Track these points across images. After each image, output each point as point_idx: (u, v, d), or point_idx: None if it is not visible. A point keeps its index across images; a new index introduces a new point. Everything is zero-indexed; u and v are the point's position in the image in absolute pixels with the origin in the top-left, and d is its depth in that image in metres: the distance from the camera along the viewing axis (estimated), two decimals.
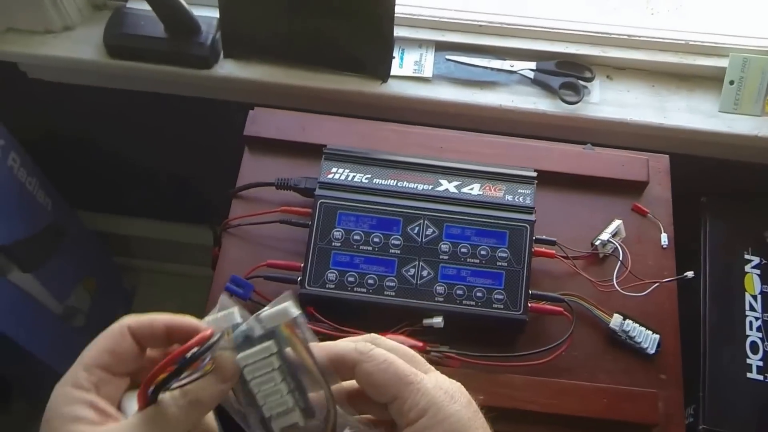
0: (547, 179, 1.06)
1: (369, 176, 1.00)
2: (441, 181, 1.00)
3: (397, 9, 1.17)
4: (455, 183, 1.00)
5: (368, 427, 0.52)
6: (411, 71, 1.25)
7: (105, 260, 1.89)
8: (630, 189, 1.11)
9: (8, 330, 1.37)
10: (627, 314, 0.99)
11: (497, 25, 1.27)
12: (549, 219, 1.04)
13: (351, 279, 0.94)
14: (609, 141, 1.21)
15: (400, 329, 0.94)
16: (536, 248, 0.99)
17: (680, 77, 1.29)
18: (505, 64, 1.26)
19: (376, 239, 0.96)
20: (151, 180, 1.74)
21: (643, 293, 0.99)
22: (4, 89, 1.38)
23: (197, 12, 1.25)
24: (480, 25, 1.27)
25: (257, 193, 1.06)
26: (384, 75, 1.24)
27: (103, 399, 0.49)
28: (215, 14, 1.24)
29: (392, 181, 0.99)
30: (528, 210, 0.99)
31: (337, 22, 1.18)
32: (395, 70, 1.24)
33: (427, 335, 0.95)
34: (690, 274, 1.03)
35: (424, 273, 0.95)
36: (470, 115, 1.25)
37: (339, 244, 0.96)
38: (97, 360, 0.49)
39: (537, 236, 1.00)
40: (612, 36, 1.26)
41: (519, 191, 1.00)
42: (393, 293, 0.94)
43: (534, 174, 1.02)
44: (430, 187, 0.99)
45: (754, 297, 1.20)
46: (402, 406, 0.49)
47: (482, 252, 0.96)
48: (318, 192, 0.98)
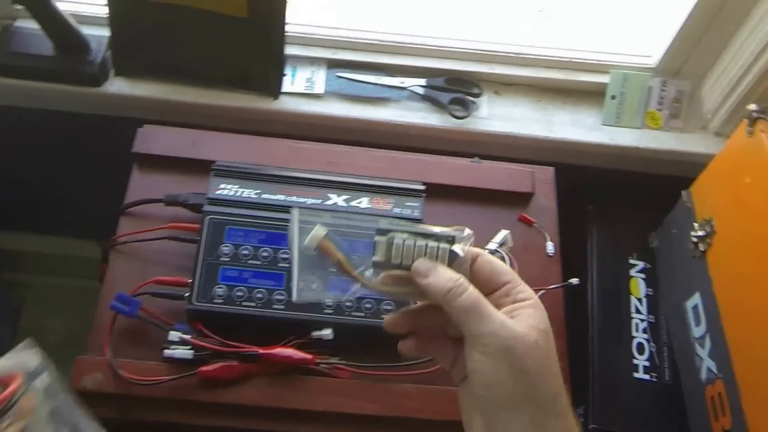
0: (436, 192, 1.08)
1: (258, 191, 1.00)
2: (330, 195, 1.01)
3: (289, 28, 1.18)
4: (344, 197, 1.01)
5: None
6: (303, 88, 1.26)
7: None
8: (516, 200, 1.14)
9: None
10: None
11: (388, 44, 1.29)
12: None
13: (239, 293, 0.94)
14: (497, 154, 1.24)
15: (290, 342, 0.94)
16: None
17: (565, 92, 1.34)
18: (396, 81, 1.29)
19: (265, 253, 0.96)
20: (40, 194, 1.70)
21: None
22: None
23: (87, 30, 1.24)
24: (371, 44, 1.29)
25: (146, 210, 1.05)
26: (275, 91, 1.25)
27: None
28: (105, 33, 1.23)
29: (281, 196, 1.00)
30: (417, 222, 1.00)
31: (230, 41, 1.19)
32: (287, 87, 1.26)
33: (318, 347, 0.95)
34: (575, 281, 1.07)
35: (314, 286, 0.96)
36: (362, 130, 1.27)
37: (227, 259, 0.96)
38: None
39: None
40: (499, 54, 1.31)
41: (407, 204, 1.02)
42: (282, 306, 0.94)
43: (422, 187, 1.04)
44: (320, 201, 1.00)
45: (640, 300, 1.24)
46: (513, 289, 0.61)
47: None
48: (206, 208, 0.98)
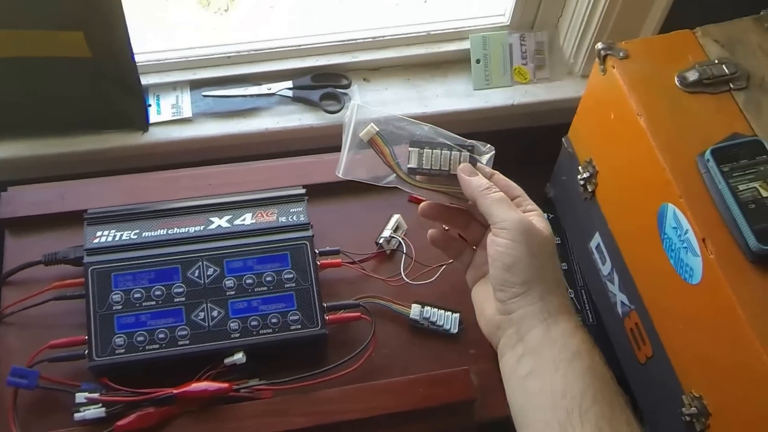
0: (321, 191, 1.08)
1: (137, 231, 0.98)
2: (212, 219, 0.99)
3: (141, 57, 1.16)
4: (227, 217, 1.00)
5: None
6: (170, 115, 1.24)
7: None
8: None
9: None
10: (425, 302, 1.02)
11: (246, 53, 1.28)
12: (330, 229, 1.06)
13: (140, 338, 0.92)
14: None
15: (205, 375, 0.92)
16: (322, 261, 1.00)
17: (431, 66, 1.35)
18: (263, 89, 1.27)
19: (158, 292, 0.94)
20: None
21: (434, 278, 1.02)
22: None
23: None
24: (229, 57, 1.27)
25: (28, 275, 1.01)
26: (143, 124, 1.22)
27: None
28: None
29: (162, 231, 0.98)
30: (304, 227, 0.99)
31: (81, 83, 1.15)
32: (154, 117, 1.23)
33: (234, 373, 0.93)
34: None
35: (215, 313, 0.94)
36: (239, 145, 1.25)
37: (120, 307, 0.93)
38: None
39: (320, 249, 1.01)
40: (358, 41, 1.30)
41: (291, 210, 1.01)
42: (187, 341, 0.92)
43: (303, 191, 1.03)
44: (202, 228, 0.98)
45: None
46: (524, 201, 0.80)
47: (268, 278, 0.96)
48: (86, 259, 0.95)
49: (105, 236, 0.97)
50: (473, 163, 0.80)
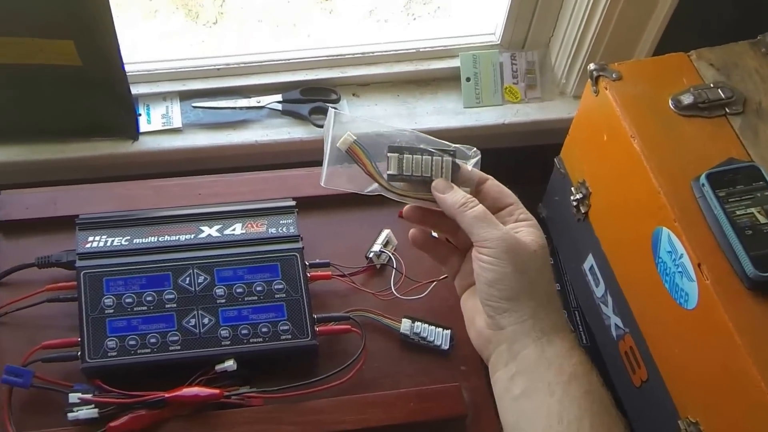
0: (311, 204, 1.07)
1: (128, 237, 0.97)
2: (202, 228, 0.99)
3: (131, 67, 1.16)
4: (217, 227, 0.99)
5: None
6: (160, 125, 1.24)
7: None
8: None
9: None
10: (415, 317, 1.01)
11: (236, 66, 1.28)
12: (320, 242, 1.06)
13: (132, 342, 0.91)
14: None
15: (195, 380, 0.92)
16: (312, 273, 1.00)
17: (422, 83, 1.36)
18: (252, 101, 1.28)
19: (149, 298, 0.94)
20: None
21: (424, 294, 1.02)
22: None
23: None
24: (218, 69, 1.28)
25: (21, 277, 1.01)
26: (133, 134, 1.22)
27: None
28: None
29: (153, 238, 0.98)
30: (294, 239, 1.00)
31: (73, 91, 1.16)
32: (144, 127, 1.23)
33: (224, 380, 0.93)
34: None
35: (205, 321, 0.94)
36: (228, 157, 1.25)
37: (112, 311, 0.92)
38: None
39: (310, 261, 1.00)
40: (348, 56, 1.31)
41: (281, 222, 1.01)
42: (178, 347, 0.92)
43: (293, 203, 1.03)
44: (193, 236, 0.98)
45: None
46: (516, 210, 0.77)
47: (258, 288, 0.96)
48: (78, 264, 0.95)
49: (97, 241, 0.97)
50: (455, 169, 0.78)
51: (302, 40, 1.33)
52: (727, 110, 1.03)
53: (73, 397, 0.89)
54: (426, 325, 1.01)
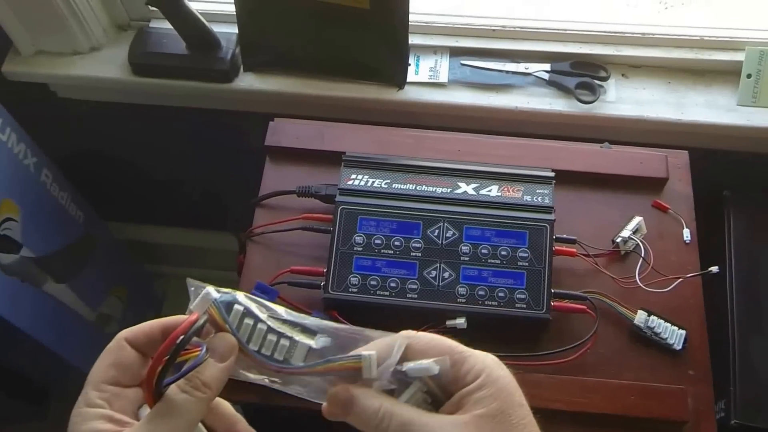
0: (566, 178, 1.07)
1: (388, 181, 1.01)
2: (459, 184, 1.01)
3: (412, 17, 1.18)
4: (473, 185, 1.01)
5: None
6: (427, 77, 1.26)
7: (134, 268, 1.94)
8: (649, 186, 1.11)
9: (44, 338, 1.41)
10: (651, 311, 0.99)
11: (510, 29, 1.28)
12: (569, 218, 1.05)
13: (373, 282, 0.95)
14: (626, 139, 1.21)
15: (425, 331, 0.94)
16: (557, 247, 0.99)
17: (696, 73, 1.29)
18: (520, 67, 1.27)
19: (397, 243, 0.97)
20: (177, 190, 1.78)
21: (667, 289, 0.99)
22: (36, 109, 1.41)
23: (217, 28, 1.27)
24: (493, 30, 1.28)
25: (279, 202, 1.08)
26: (400, 82, 1.25)
27: (118, 412, 0.50)
28: (234, 30, 1.27)
29: (411, 186, 1.01)
30: (547, 210, 0.99)
31: (353, 32, 1.20)
32: (411, 77, 1.26)
33: (451, 336, 0.95)
34: (715, 269, 1.03)
35: (446, 275, 0.96)
36: (486, 118, 1.26)
37: (360, 249, 0.97)
38: (104, 376, 0.52)
39: (557, 235, 1.00)
40: (626, 35, 1.27)
41: (537, 191, 1.00)
42: (415, 296, 0.95)
43: (552, 174, 1.02)
44: (449, 190, 1.00)
45: None
46: (458, 372, 0.52)
47: (503, 252, 0.97)
48: (339, 198, 0.99)
49: (358, 180, 1.01)
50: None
51: (581, 10, 1.30)
52: None
53: None
54: (662, 321, 0.99)
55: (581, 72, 1.26)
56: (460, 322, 0.94)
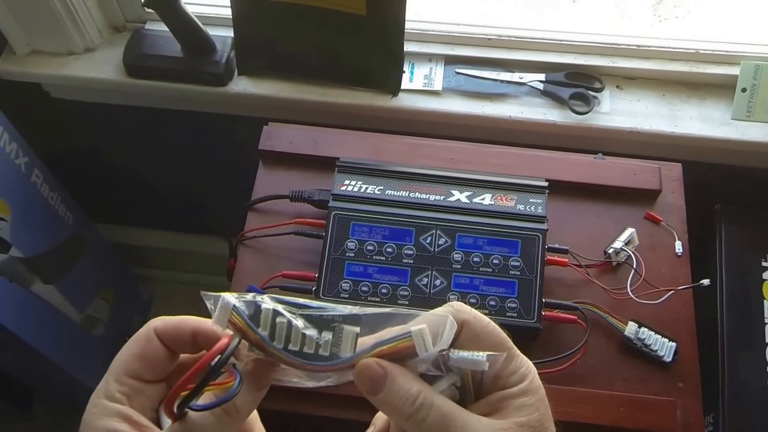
0: (559, 188, 1.07)
1: (381, 188, 1.01)
2: (452, 192, 1.01)
3: (407, 25, 1.18)
4: (467, 193, 1.01)
5: None
6: (421, 85, 1.26)
7: (123, 271, 1.92)
8: (642, 197, 1.11)
9: (31, 339, 1.40)
10: (642, 322, 0.99)
11: (506, 39, 1.28)
12: (561, 228, 1.05)
13: (365, 288, 0.95)
14: (620, 150, 1.21)
15: None
16: (549, 257, 0.99)
17: (691, 86, 1.29)
18: (515, 77, 1.27)
19: (389, 249, 0.97)
20: (168, 193, 1.77)
21: (658, 301, 0.99)
22: (29, 108, 1.41)
23: (212, 32, 1.27)
24: (489, 39, 1.28)
25: (272, 206, 1.08)
26: (395, 89, 1.25)
27: (137, 411, 0.47)
28: (230, 33, 1.27)
29: (404, 192, 1.00)
30: (540, 219, 0.99)
31: (349, 38, 1.20)
32: (406, 84, 1.26)
33: None
34: (706, 282, 1.03)
35: (437, 282, 0.96)
36: (480, 127, 1.26)
37: (353, 255, 0.97)
38: (127, 368, 0.48)
39: (549, 245, 1.00)
40: (621, 46, 1.27)
41: (530, 201, 1.00)
42: (406, 302, 0.95)
43: (545, 183, 1.02)
44: (442, 198, 1.00)
45: None
46: (505, 368, 0.47)
47: (495, 261, 0.96)
48: (332, 204, 0.99)
49: (352, 186, 1.01)
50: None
51: (575, 21, 1.30)
52: None
53: None
54: (652, 333, 0.99)
55: (576, 83, 1.26)
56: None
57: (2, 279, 1.31)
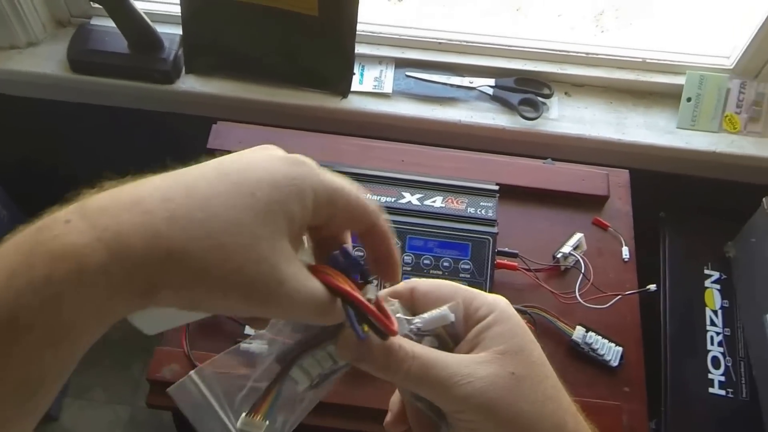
0: (509, 193, 1.07)
1: None
2: (404, 194, 1.00)
3: (359, 27, 1.18)
4: (418, 195, 1.00)
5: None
6: (371, 87, 1.26)
7: None
8: (591, 203, 1.12)
9: None
10: (589, 327, 1.00)
11: (456, 43, 1.28)
12: (511, 232, 1.05)
13: None
14: (568, 156, 1.22)
15: None
16: (498, 260, 0.99)
17: (637, 94, 1.31)
18: (465, 81, 1.27)
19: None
20: None
21: (606, 306, 1.00)
22: None
23: (161, 29, 1.25)
24: (439, 43, 1.28)
25: None
26: (344, 91, 1.24)
27: None
28: (178, 31, 1.25)
29: None
30: (490, 222, 0.99)
31: (299, 39, 1.19)
32: (356, 86, 1.25)
33: None
34: (653, 287, 1.04)
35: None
36: (430, 130, 1.26)
37: None
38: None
39: (499, 248, 1.00)
40: (569, 53, 1.28)
41: (481, 204, 1.00)
42: None
43: (496, 187, 1.03)
44: (393, 200, 1.00)
45: (715, 312, 1.20)
46: (469, 307, 0.48)
47: (445, 264, 0.96)
48: None
49: None
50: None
51: (523, 29, 1.31)
52: None
53: (249, 330, 0.92)
54: (599, 337, 0.99)
55: (525, 88, 1.27)
56: None
57: None
